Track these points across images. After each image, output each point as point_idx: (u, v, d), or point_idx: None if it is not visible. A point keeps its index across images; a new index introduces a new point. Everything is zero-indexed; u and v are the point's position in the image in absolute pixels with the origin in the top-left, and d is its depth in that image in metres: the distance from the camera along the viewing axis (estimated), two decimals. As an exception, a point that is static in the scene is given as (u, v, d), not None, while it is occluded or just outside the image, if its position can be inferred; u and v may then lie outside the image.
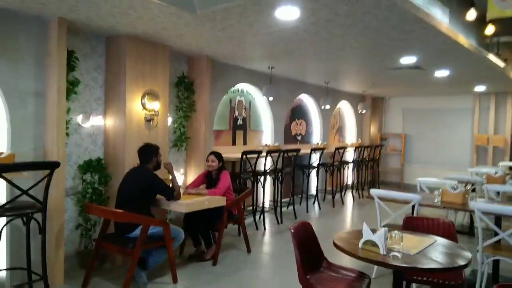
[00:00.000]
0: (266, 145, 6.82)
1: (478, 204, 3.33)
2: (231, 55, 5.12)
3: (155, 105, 4.41)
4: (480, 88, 8.11)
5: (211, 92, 5.55)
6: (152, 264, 3.74)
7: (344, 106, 9.77)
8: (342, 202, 8.15)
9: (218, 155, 4.60)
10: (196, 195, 4.17)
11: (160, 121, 4.57)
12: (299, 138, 8.07)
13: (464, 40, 4.35)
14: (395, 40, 4.10)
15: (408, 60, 5.16)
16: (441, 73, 6.18)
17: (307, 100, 8.23)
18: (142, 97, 4.36)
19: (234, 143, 6.34)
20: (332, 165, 7.89)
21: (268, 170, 6.09)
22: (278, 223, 6.29)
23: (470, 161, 9.33)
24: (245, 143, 6.57)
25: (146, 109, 4.39)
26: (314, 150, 7.08)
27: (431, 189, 4.92)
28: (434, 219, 3.12)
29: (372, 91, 9.40)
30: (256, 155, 5.68)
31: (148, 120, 4.43)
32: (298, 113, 7.99)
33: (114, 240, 3.60)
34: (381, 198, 3.99)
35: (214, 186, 4.42)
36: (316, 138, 8.61)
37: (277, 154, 6.18)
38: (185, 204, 3.75)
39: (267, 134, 7.09)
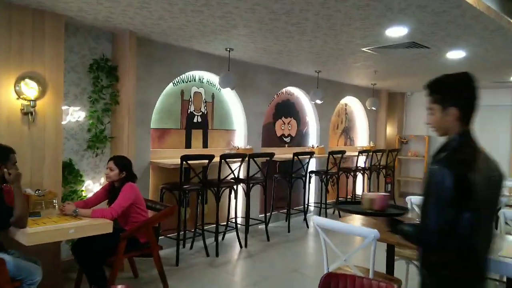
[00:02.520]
0: (236, 148, 5.56)
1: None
2: (162, 29, 3.94)
3: (32, 93, 3.31)
4: (518, 78, 6.41)
5: (146, 79, 4.42)
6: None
7: (352, 103, 8.29)
8: (340, 217, 6.70)
9: (118, 161, 3.43)
10: (71, 218, 3.00)
11: (48, 114, 3.46)
12: (287, 139, 6.73)
13: (468, -7, 2.90)
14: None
15: (396, 31, 3.73)
16: (455, 54, 4.65)
17: (298, 94, 6.88)
18: (17, 82, 3.28)
19: (188, 146, 5.14)
20: (326, 173, 6.49)
21: (225, 180, 4.85)
22: (241, 246, 5.01)
23: (508, 171, 7.54)
24: (205, 145, 5.35)
25: (23, 98, 3.31)
26: (298, 154, 5.74)
27: None
28: (372, 281, 1.76)
29: (385, 84, 7.87)
30: (206, 161, 4.46)
31: (27, 113, 3.34)
32: (286, 109, 6.65)
33: None
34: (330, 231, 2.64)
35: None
36: (313, 140, 7.23)
37: (239, 160, 4.92)
38: (28, 234, 2.59)
39: (240, 135, 5.84)
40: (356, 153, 7.14)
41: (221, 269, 4.29)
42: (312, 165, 7.08)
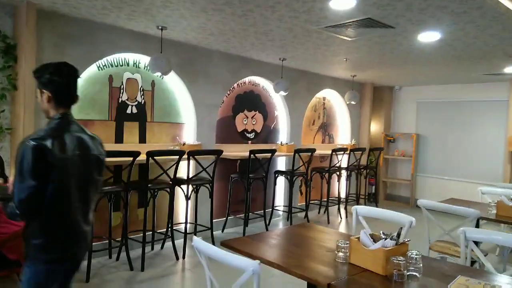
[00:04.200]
0: (181, 143, 4.88)
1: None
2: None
3: None
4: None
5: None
6: None
7: (332, 97, 7.54)
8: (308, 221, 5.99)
9: None
10: None
11: None
12: (250, 136, 6.02)
13: None
14: None
15: (342, 2, 3.01)
16: (428, 36, 3.90)
17: (265, 85, 6.16)
18: None
19: (120, 140, 4.47)
20: (292, 173, 5.78)
21: (157, 181, 4.17)
22: (178, 258, 4.33)
23: (502, 174, 6.76)
24: (142, 140, 4.66)
25: None
26: (255, 152, 5.04)
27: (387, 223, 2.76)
28: None
29: (367, 77, 7.10)
30: (129, 159, 3.79)
31: None
32: (249, 102, 5.94)
33: None
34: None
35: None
36: (283, 136, 6.52)
37: (175, 158, 4.23)
38: None
39: (189, 129, 5.15)
40: (326, 152, 6.42)
41: (139, 287, 3.62)
42: (282, 165, 6.40)
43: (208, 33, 4.21)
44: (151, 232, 4.47)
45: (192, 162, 4.54)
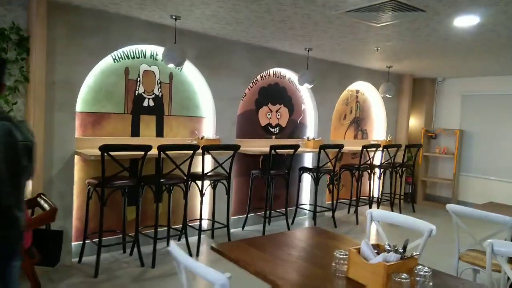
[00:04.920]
0: (199, 138, 4.75)
1: None
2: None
3: None
4: None
5: (69, 54, 3.74)
6: None
7: (366, 90, 7.12)
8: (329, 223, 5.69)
9: None
10: None
11: None
12: (275, 130, 5.78)
13: None
14: None
15: (360, -17, 2.70)
16: (465, 20, 3.47)
17: (291, 77, 5.88)
18: None
19: (136, 134, 4.39)
20: (318, 171, 5.48)
21: (170, 176, 4.06)
22: (191, 255, 4.21)
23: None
24: (159, 134, 4.57)
25: None
26: (276, 148, 4.81)
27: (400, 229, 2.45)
28: None
29: (405, 68, 6.62)
30: (140, 153, 3.70)
31: None
32: (273, 95, 5.69)
33: None
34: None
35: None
36: (311, 131, 6.23)
37: (189, 152, 4.09)
38: None
39: (209, 123, 5.00)
40: (357, 148, 6.04)
41: (146, 285, 3.53)
42: (310, 161, 6.13)
43: (225, 22, 4.01)
44: (166, 228, 4.38)
45: (210, 157, 4.40)
